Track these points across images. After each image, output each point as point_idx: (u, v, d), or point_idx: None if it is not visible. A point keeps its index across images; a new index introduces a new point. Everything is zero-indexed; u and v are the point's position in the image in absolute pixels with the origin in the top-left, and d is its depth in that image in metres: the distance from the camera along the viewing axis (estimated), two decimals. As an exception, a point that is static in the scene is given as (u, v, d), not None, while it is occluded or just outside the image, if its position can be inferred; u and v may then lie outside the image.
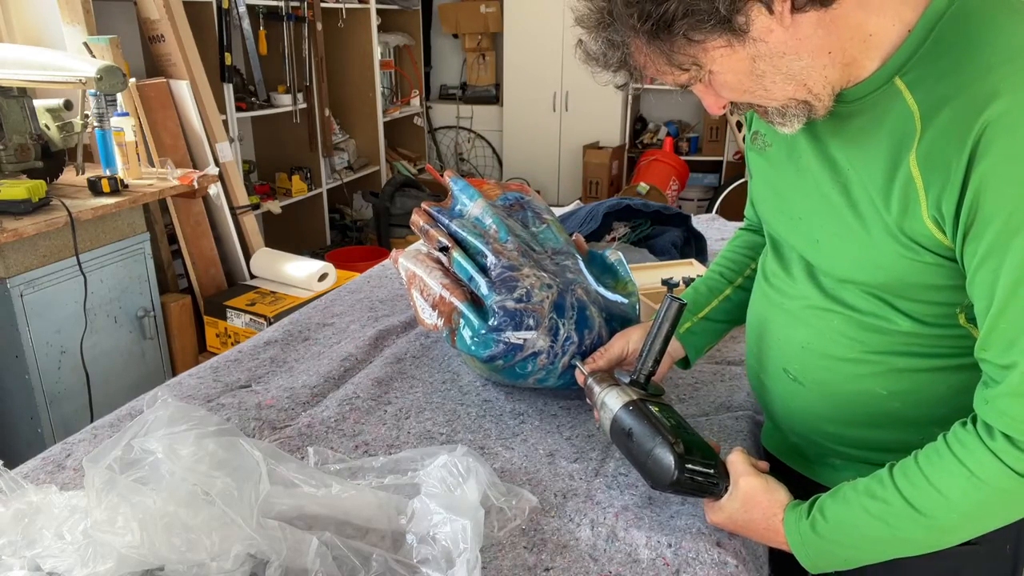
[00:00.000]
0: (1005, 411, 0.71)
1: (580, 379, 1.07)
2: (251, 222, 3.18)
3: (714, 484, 0.88)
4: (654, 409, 0.93)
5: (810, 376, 0.92)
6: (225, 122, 3.26)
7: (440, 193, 4.31)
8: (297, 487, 0.87)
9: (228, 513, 0.77)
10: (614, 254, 1.38)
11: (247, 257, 3.10)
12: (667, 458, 0.86)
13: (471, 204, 1.36)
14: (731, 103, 0.80)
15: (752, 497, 0.86)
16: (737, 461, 0.89)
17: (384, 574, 0.79)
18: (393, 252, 1.46)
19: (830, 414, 0.92)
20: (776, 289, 0.96)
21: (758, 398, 1.07)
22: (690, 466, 0.86)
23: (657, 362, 0.98)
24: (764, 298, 1.00)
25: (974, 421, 0.75)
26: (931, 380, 0.84)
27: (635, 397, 0.94)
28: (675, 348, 1.10)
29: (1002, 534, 0.84)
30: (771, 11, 0.67)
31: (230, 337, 2.83)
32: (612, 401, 0.96)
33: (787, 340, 0.94)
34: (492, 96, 5.59)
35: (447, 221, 1.34)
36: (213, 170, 2.70)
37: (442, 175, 1.45)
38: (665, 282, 1.50)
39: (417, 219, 1.38)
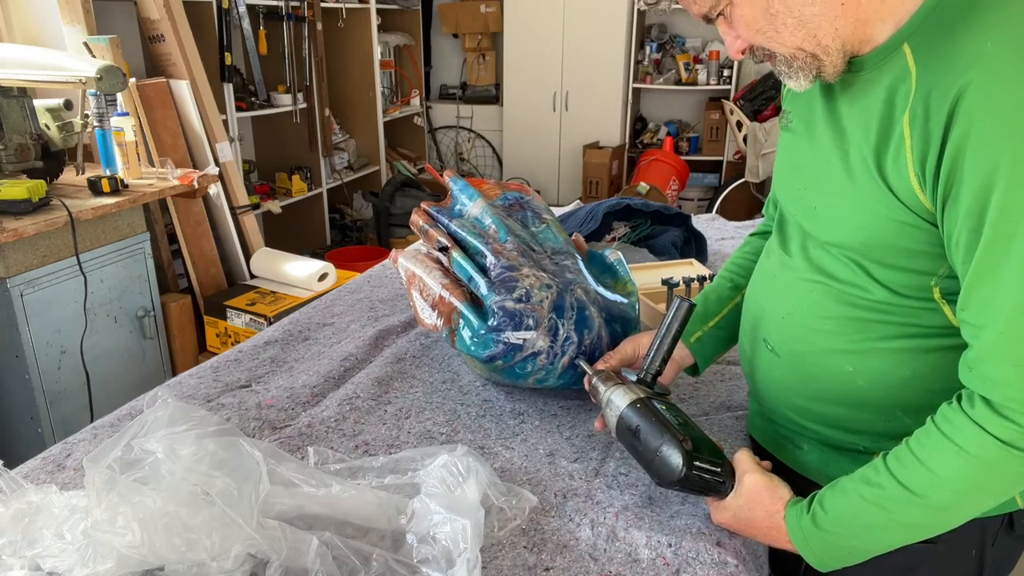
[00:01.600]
0: (985, 375, 0.72)
1: (586, 381, 1.06)
2: (251, 222, 3.18)
3: (720, 482, 0.88)
4: (660, 407, 0.93)
5: (786, 347, 0.94)
6: (225, 122, 3.26)
7: (440, 193, 4.31)
8: (297, 487, 0.87)
9: (228, 513, 0.77)
10: (614, 254, 1.38)
11: (247, 257, 3.10)
12: (675, 455, 0.86)
13: (471, 204, 1.36)
14: (750, 51, 0.83)
15: (756, 494, 0.87)
16: (742, 459, 0.90)
17: (384, 574, 0.79)
18: (393, 252, 1.46)
19: (800, 387, 0.94)
20: (773, 264, 0.98)
21: (747, 379, 1.08)
22: (698, 463, 0.86)
23: (664, 361, 0.98)
24: (761, 276, 1.02)
25: (959, 398, 0.76)
26: (897, 361, 0.85)
27: (642, 395, 0.94)
28: (683, 356, 1.10)
29: (966, 538, 0.84)
30: None
31: (230, 337, 2.83)
32: (618, 399, 0.95)
33: (772, 312, 0.96)
34: (492, 96, 5.59)
35: (446, 221, 1.34)
36: (213, 170, 2.70)
37: (442, 175, 1.45)
38: (665, 282, 1.50)
39: (417, 219, 1.38)
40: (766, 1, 0.75)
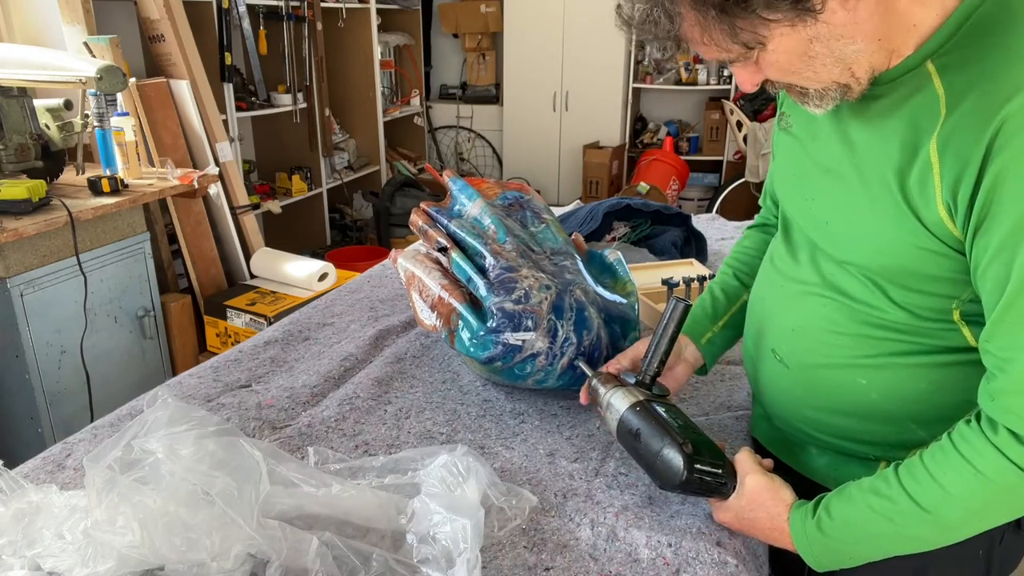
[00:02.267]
0: (1010, 408, 0.71)
1: (586, 384, 1.06)
2: (251, 222, 3.18)
3: (722, 484, 0.88)
4: (660, 409, 0.93)
5: (796, 359, 0.93)
6: (225, 122, 3.26)
7: (440, 193, 4.31)
8: (297, 487, 0.87)
9: (228, 513, 0.77)
10: (613, 254, 1.39)
11: (247, 257, 3.10)
12: (676, 459, 0.86)
13: (470, 204, 1.36)
14: (768, 80, 0.79)
15: (757, 495, 0.87)
16: (744, 459, 0.90)
17: (384, 574, 0.79)
18: (392, 252, 1.46)
19: (811, 399, 0.93)
20: (780, 272, 0.97)
21: (750, 382, 1.07)
22: (699, 466, 0.86)
23: (662, 363, 0.97)
24: (767, 281, 1.00)
25: (978, 418, 0.75)
26: (912, 375, 0.84)
27: (641, 398, 0.94)
28: (696, 357, 1.10)
29: (975, 539, 0.84)
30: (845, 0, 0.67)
31: (230, 337, 2.83)
32: (618, 402, 0.95)
33: (781, 322, 0.95)
34: (492, 96, 5.59)
35: (446, 221, 1.34)
36: (213, 170, 2.69)
37: (441, 175, 1.45)
38: (665, 282, 1.50)
39: (416, 219, 1.39)
40: (806, 45, 0.70)
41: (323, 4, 3.97)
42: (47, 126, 2.31)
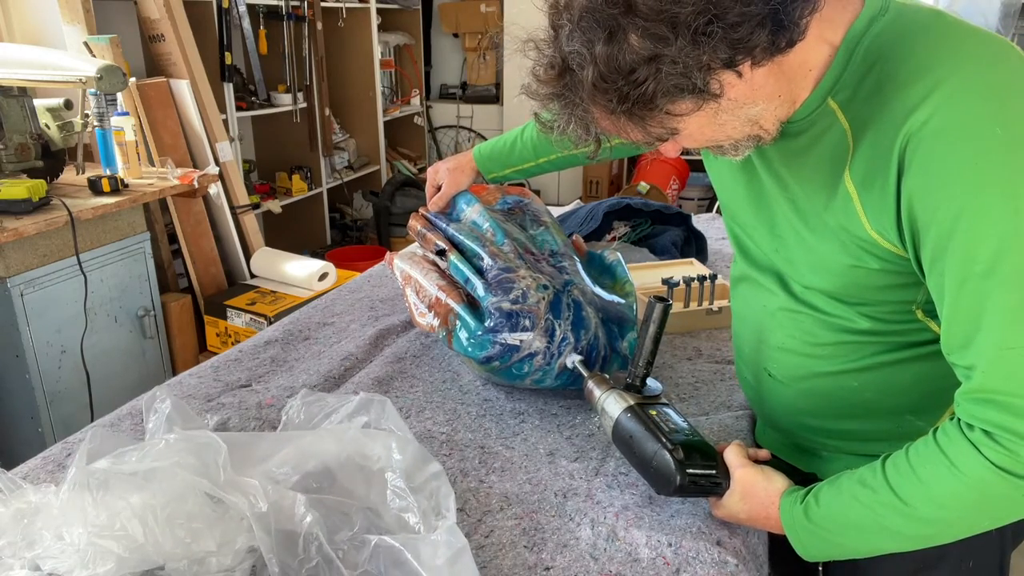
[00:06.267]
0: (975, 414, 0.72)
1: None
2: (251, 221, 3.18)
3: (717, 484, 0.89)
4: (652, 413, 0.94)
5: (787, 374, 0.96)
6: (225, 121, 3.26)
7: (440, 192, 4.29)
8: (264, 451, 0.87)
9: (206, 484, 0.76)
10: (612, 254, 1.39)
11: (247, 256, 3.10)
12: (668, 465, 0.87)
13: (468, 208, 1.36)
14: None
15: (749, 488, 0.88)
16: (731, 454, 0.91)
17: (370, 529, 0.79)
18: (388, 255, 1.46)
19: (810, 408, 0.96)
20: (753, 295, 1.00)
21: (753, 405, 1.11)
22: (691, 470, 0.87)
23: (649, 364, 0.98)
24: (743, 304, 1.04)
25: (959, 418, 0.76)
26: (897, 371, 0.88)
27: (633, 402, 0.95)
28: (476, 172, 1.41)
29: None
30: (740, 75, 0.69)
31: (230, 337, 2.83)
32: (612, 407, 0.97)
33: (765, 343, 0.98)
34: (492, 96, 5.58)
35: (444, 225, 1.34)
36: (213, 169, 2.69)
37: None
38: (665, 281, 1.50)
39: (414, 224, 1.39)
40: (713, 118, 0.74)
41: (323, 4, 3.97)
42: (47, 126, 2.31)
